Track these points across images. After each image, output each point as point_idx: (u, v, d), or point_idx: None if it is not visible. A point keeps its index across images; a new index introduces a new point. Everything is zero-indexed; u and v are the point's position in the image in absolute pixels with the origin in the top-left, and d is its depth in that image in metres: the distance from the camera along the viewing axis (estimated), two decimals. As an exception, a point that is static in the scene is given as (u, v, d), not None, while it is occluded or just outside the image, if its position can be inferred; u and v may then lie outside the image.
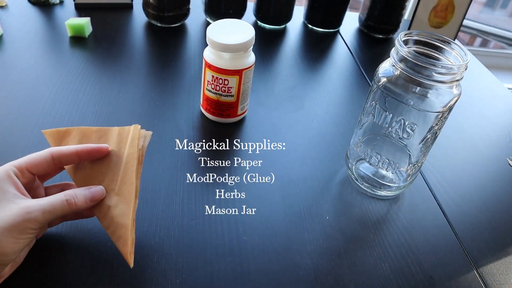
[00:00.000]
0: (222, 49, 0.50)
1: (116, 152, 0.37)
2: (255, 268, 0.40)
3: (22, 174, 0.34)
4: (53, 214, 0.33)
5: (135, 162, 0.36)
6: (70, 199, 0.34)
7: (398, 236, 0.46)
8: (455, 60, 0.43)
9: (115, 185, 0.36)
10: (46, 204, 0.32)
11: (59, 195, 0.34)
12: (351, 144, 0.52)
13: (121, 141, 0.38)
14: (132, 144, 0.37)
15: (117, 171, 0.37)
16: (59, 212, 0.33)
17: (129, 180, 0.36)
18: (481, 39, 1.73)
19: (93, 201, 0.35)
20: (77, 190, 0.35)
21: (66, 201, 0.33)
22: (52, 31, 0.72)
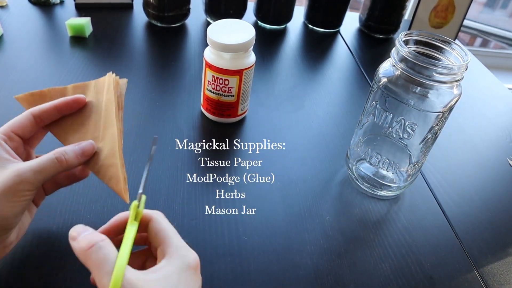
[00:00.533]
0: (222, 49, 0.50)
1: (95, 103, 0.38)
2: (255, 268, 0.40)
3: (10, 139, 0.34)
4: (44, 174, 0.32)
5: (114, 105, 0.37)
6: (60, 156, 0.33)
7: (398, 236, 0.46)
8: (456, 60, 0.43)
9: (98, 132, 0.36)
10: (36, 164, 0.32)
11: (48, 154, 0.33)
12: (352, 144, 0.52)
13: (98, 92, 0.38)
14: (108, 91, 0.38)
15: (98, 119, 0.37)
16: (50, 171, 0.32)
17: (111, 123, 0.36)
18: (481, 39, 1.73)
19: (84, 156, 0.35)
20: (66, 147, 0.34)
21: (56, 158, 0.33)
22: (52, 31, 0.72)
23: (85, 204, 0.43)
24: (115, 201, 0.44)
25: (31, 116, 0.35)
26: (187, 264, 0.28)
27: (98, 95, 0.38)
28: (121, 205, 0.43)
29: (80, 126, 0.37)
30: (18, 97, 0.38)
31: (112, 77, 0.38)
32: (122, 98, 0.38)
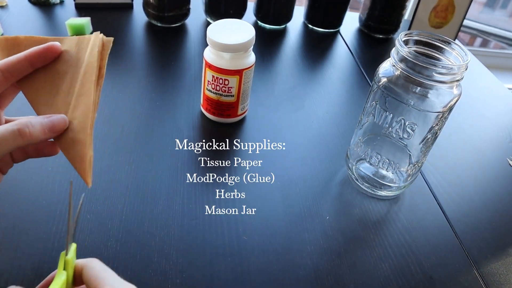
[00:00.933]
0: (222, 49, 0.50)
1: (73, 61, 0.33)
2: (255, 268, 0.40)
3: None
4: (4, 146, 0.28)
5: (94, 71, 0.33)
6: (23, 128, 0.29)
7: (398, 236, 0.46)
8: (456, 60, 0.43)
9: (71, 98, 0.32)
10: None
11: (10, 124, 0.29)
12: (351, 144, 0.52)
13: (79, 50, 0.34)
14: (92, 53, 0.33)
15: (74, 82, 0.32)
16: (9, 144, 0.28)
17: (87, 91, 0.32)
18: (481, 39, 1.73)
19: (52, 131, 0.30)
20: (33, 118, 0.30)
21: (18, 130, 0.28)
22: (53, 31, 0.72)
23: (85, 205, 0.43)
24: (115, 201, 0.44)
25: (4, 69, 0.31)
26: None
27: (78, 53, 0.33)
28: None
29: (53, 87, 0.32)
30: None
31: (99, 38, 0.34)
32: (104, 61, 0.34)
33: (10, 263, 0.36)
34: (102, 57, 0.34)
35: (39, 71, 0.33)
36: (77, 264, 0.29)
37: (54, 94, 0.32)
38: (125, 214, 0.43)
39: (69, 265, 0.28)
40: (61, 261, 0.28)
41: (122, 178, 0.46)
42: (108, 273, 0.28)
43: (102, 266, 0.29)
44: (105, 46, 0.34)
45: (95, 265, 0.28)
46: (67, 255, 0.28)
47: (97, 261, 0.29)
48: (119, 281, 0.28)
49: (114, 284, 0.27)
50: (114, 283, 0.27)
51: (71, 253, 0.29)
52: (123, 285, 0.27)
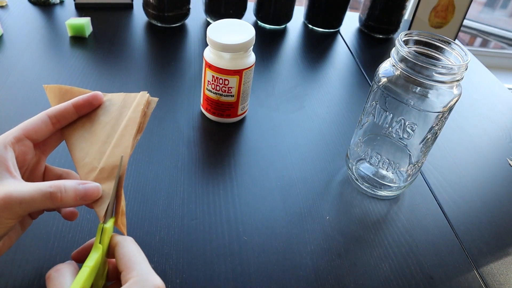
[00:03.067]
0: (222, 49, 0.50)
1: (116, 114, 0.35)
2: (255, 268, 0.40)
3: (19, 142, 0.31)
4: (32, 207, 0.28)
5: (135, 126, 0.34)
6: (56, 192, 0.28)
7: (398, 236, 0.46)
8: (455, 60, 0.43)
9: (107, 147, 0.33)
10: (27, 194, 0.28)
11: (44, 184, 0.29)
12: (351, 144, 0.52)
13: (125, 105, 0.35)
14: (136, 109, 0.35)
15: (113, 133, 0.34)
16: (39, 205, 0.28)
17: (125, 143, 0.33)
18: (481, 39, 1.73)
19: (84, 200, 0.30)
20: (67, 182, 0.29)
21: (51, 194, 0.28)
22: (52, 31, 0.72)
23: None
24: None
25: (47, 117, 0.32)
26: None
27: (123, 108, 0.35)
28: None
29: (92, 135, 0.34)
30: (47, 87, 0.36)
31: (145, 97, 0.35)
32: (147, 118, 0.35)
33: (10, 263, 0.36)
34: (145, 114, 0.35)
35: (83, 119, 0.35)
36: (113, 238, 0.30)
37: (92, 142, 0.34)
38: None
39: (106, 234, 0.29)
40: (98, 233, 0.29)
41: (122, 178, 0.46)
42: (140, 259, 0.28)
43: (136, 249, 0.29)
44: (150, 105, 0.36)
45: (129, 245, 0.29)
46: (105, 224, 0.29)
47: (132, 241, 0.30)
48: (147, 270, 0.28)
49: (142, 273, 0.27)
50: (142, 271, 0.27)
51: (109, 223, 0.29)
52: (150, 276, 0.27)
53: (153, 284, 0.27)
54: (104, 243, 0.29)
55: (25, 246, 0.38)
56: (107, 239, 0.29)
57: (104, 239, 0.29)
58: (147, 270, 0.28)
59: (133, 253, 0.29)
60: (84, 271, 0.27)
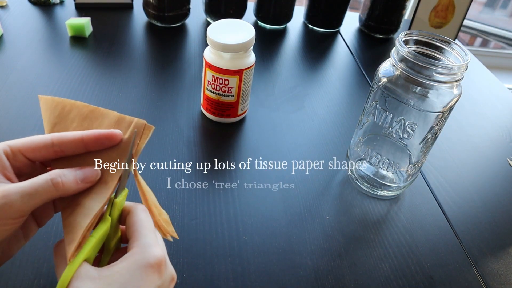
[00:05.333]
0: (222, 49, 0.50)
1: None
2: (255, 269, 0.40)
3: (14, 157, 0.29)
4: (35, 199, 0.27)
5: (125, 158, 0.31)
6: (56, 178, 0.28)
7: (398, 236, 0.46)
8: (456, 60, 0.43)
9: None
10: (27, 186, 0.27)
11: (43, 175, 0.28)
12: (351, 144, 0.52)
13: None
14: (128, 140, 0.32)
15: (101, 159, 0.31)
16: (42, 195, 0.27)
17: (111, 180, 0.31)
18: (481, 39, 1.73)
19: (85, 182, 0.29)
20: (65, 169, 0.29)
21: (52, 180, 0.27)
22: (52, 31, 0.72)
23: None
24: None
25: (51, 142, 0.30)
26: (145, 262, 0.27)
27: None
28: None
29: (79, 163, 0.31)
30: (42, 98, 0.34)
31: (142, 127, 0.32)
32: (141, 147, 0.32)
33: (10, 263, 0.36)
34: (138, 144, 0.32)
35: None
36: (126, 207, 0.31)
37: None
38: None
39: (116, 207, 0.30)
40: (109, 205, 0.30)
41: (122, 178, 0.46)
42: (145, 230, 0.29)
43: (145, 218, 0.30)
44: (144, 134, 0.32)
45: (139, 214, 0.30)
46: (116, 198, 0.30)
47: (143, 210, 0.30)
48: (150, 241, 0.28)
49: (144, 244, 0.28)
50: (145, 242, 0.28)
51: (120, 197, 0.30)
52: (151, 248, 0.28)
53: (153, 256, 0.27)
54: (114, 215, 0.30)
55: (25, 246, 0.38)
56: (117, 211, 0.30)
57: (114, 212, 0.30)
58: (150, 242, 0.28)
59: (140, 223, 0.29)
60: (90, 241, 0.28)
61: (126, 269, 0.26)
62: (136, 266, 0.26)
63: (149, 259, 0.27)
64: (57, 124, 0.34)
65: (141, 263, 0.27)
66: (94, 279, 0.26)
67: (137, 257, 0.27)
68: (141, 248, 0.27)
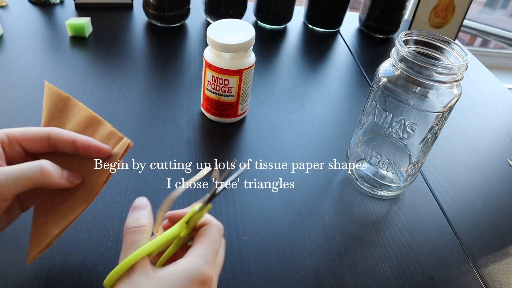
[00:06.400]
0: (222, 49, 0.50)
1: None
2: (255, 268, 0.40)
3: (10, 145, 0.31)
4: (22, 183, 0.28)
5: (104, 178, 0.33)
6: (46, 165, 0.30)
7: (398, 236, 0.46)
8: (455, 60, 0.43)
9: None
10: (14, 169, 0.28)
11: (33, 162, 0.29)
12: (351, 144, 0.52)
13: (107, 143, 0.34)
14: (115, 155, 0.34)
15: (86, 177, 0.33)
16: (29, 181, 0.29)
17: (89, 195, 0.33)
18: (481, 39, 1.73)
19: (67, 180, 0.32)
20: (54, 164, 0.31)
21: (40, 166, 0.29)
22: (52, 31, 0.72)
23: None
24: (116, 201, 0.44)
25: (47, 137, 0.32)
26: (195, 275, 0.27)
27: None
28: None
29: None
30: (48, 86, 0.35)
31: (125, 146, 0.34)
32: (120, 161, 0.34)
33: (10, 263, 0.36)
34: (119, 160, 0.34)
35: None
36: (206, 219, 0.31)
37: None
38: (125, 214, 0.42)
39: (194, 219, 0.30)
40: (189, 215, 0.30)
41: (122, 178, 0.46)
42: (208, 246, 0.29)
43: (216, 236, 0.30)
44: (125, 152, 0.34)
45: (212, 229, 0.30)
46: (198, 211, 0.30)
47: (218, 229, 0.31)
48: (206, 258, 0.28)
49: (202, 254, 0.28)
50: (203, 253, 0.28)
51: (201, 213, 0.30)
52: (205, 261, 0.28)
53: (204, 272, 0.27)
54: (190, 225, 0.30)
55: (25, 246, 0.38)
56: (193, 223, 0.30)
57: (191, 222, 0.30)
58: (207, 258, 0.28)
59: (210, 238, 0.30)
60: (159, 238, 0.29)
61: (176, 276, 0.27)
62: (185, 275, 0.27)
63: (199, 273, 0.27)
64: (55, 118, 0.35)
65: (191, 274, 0.27)
66: (148, 276, 0.27)
67: (190, 267, 0.28)
68: (197, 260, 0.28)
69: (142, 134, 0.53)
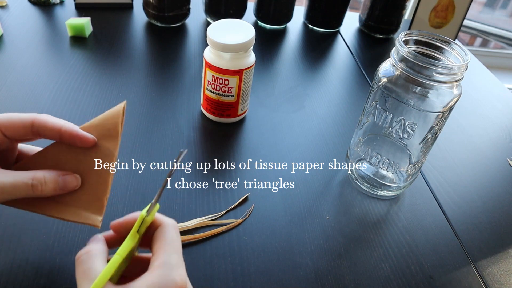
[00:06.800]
0: (222, 49, 0.50)
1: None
2: (255, 268, 0.40)
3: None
4: (12, 196, 0.29)
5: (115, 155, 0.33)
6: (37, 184, 0.30)
7: (398, 236, 0.46)
8: (455, 60, 0.43)
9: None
10: (8, 183, 0.29)
11: (25, 175, 0.30)
12: (351, 144, 0.52)
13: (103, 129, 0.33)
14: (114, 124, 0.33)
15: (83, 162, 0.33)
16: (19, 194, 0.30)
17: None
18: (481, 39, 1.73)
19: (63, 190, 0.32)
20: (47, 175, 0.31)
21: (32, 186, 0.30)
22: (52, 31, 0.72)
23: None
24: (116, 201, 0.44)
25: (31, 124, 0.32)
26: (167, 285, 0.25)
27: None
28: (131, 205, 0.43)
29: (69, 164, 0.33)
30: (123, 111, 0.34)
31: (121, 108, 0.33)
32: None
33: (10, 263, 0.36)
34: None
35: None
36: (156, 220, 0.29)
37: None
38: (125, 214, 0.42)
39: (145, 224, 0.29)
40: (138, 222, 0.28)
41: (122, 178, 0.46)
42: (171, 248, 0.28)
43: (174, 236, 0.29)
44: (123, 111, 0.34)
45: (168, 230, 0.29)
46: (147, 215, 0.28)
47: (173, 227, 0.29)
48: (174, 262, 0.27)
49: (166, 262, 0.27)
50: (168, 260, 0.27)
51: (151, 216, 0.29)
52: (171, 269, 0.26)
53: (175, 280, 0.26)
54: (141, 232, 0.29)
55: (25, 246, 0.38)
56: (144, 227, 0.29)
57: (142, 229, 0.29)
58: (174, 263, 0.27)
59: (169, 241, 0.28)
60: (116, 260, 0.27)
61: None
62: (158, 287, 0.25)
63: (172, 283, 0.26)
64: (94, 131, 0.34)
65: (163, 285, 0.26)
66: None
67: (161, 281, 0.26)
68: (165, 269, 0.26)
69: (142, 134, 0.53)
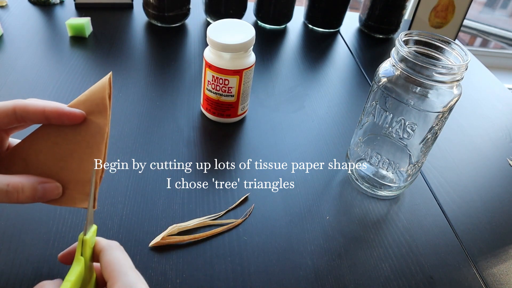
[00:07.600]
0: (222, 49, 0.50)
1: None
2: (255, 268, 0.40)
3: None
4: None
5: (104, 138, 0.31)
6: (13, 192, 0.28)
7: (398, 236, 0.46)
8: (455, 60, 0.43)
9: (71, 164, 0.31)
10: None
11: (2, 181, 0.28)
12: (351, 144, 0.52)
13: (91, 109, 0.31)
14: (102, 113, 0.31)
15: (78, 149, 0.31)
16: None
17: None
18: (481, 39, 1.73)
19: (42, 199, 0.30)
20: (27, 182, 0.29)
21: (7, 192, 0.28)
22: (52, 31, 0.72)
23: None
24: (115, 201, 0.44)
25: (13, 111, 0.30)
26: None
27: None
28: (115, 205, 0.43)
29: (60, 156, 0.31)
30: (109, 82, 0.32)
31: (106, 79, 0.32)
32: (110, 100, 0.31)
33: (10, 263, 0.36)
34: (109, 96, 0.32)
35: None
36: (98, 244, 0.28)
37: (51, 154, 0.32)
38: (125, 214, 0.43)
39: (87, 244, 0.28)
40: (79, 244, 0.27)
41: (122, 178, 0.46)
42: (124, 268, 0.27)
43: (121, 255, 0.28)
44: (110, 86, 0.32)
45: (113, 252, 0.28)
46: (86, 235, 0.28)
47: (117, 247, 0.28)
48: (133, 279, 0.26)
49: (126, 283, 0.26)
50: (126, 281, 0.26)
51: (89, 234, 0.28)
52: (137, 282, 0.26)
53: None
54: (86, 254, 0.28)
55: (25, 246, 0.38)
56: (89, 249, 0.28)
57: (85, 250, 0.28)
58: (132, 281, 0.26)
59: (117, 261, 0.27)
60: (65, 286, 0.26)
61: None
62: None
63: None
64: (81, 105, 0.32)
65: None
66: None
67: None
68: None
69: (142, 134, 0.53)
